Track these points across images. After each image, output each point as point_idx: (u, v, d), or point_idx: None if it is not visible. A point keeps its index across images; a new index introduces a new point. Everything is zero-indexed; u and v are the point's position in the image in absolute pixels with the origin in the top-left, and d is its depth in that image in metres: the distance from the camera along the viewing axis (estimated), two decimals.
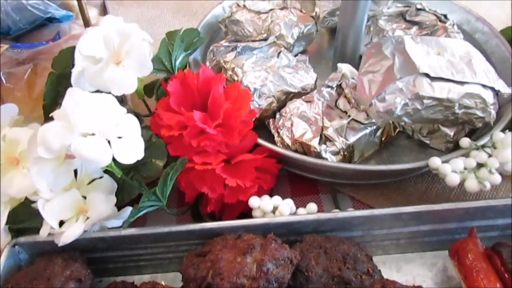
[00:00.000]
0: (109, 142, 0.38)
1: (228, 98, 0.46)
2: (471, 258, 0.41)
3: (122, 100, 0.53)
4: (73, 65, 0.46)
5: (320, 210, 0.51)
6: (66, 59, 0.46)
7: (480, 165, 0.44)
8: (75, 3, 0.62)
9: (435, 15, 0.62)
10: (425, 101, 0.45)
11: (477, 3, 0.80)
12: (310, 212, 0.47)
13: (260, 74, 0.52)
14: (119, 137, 0.39)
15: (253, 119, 0.49)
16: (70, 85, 0.45)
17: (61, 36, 0.54)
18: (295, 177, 0.54)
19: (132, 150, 0.39)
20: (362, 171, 0.48)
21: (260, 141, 0.48)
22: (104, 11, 0.71)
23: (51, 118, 0.42)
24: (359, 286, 0.39)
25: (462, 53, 0.48)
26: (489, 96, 0.46)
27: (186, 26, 0.81)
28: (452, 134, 0.51)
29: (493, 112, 0.47)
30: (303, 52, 0.67)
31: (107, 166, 0.40)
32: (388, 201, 0.52)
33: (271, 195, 0.47)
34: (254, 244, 0.37)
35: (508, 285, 0.39)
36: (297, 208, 0.47)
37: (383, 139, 0.53)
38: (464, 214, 0.44)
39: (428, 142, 0.54)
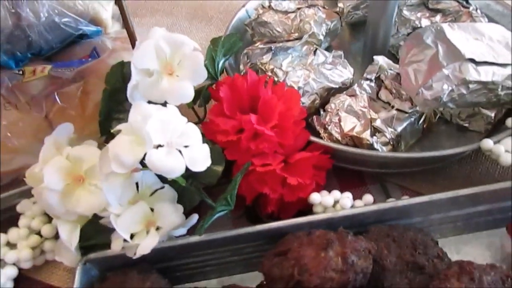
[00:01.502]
0: (180, 152, 0.39)
1: (278, 99, 0.47)
2: None
3: None
4: (123, 80, 0.46)
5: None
6: (116, 74, 0.46)
7: None
8: (103, 17, 0.63)
9: (457, 1, 0.64)
10: (470, 85, 0.46)
11: None
12: (367, 203, 0.48)
13: (302, 73, 0.53)
14: (186, 146, 0.40)
15: None
16: (123, 99, 0.46)
17: (99, 52, 0.55)
18: (341, 171, 0.55)
19: (201, 157, 0.40)
20: (415, 158, 0.49)
21: (313, 138, 0.48)
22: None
23: (110, 134, 0.43)
24: (433, 269, 0.40)
25: (499, 36, 0.50)
26: None
27: (204, 31, 0.82)
28: (492, 115, 0.52)
29: None
30: (328, 48, 0.68)
31: None
32: (435, 186, 0.53)
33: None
34: (332, 239, 0.38)
35: None
36: None
37: (424, 126, 0.54)
38: None
39: (467, 125, 0.55)
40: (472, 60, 0.46)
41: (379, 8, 0.56)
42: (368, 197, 0.48)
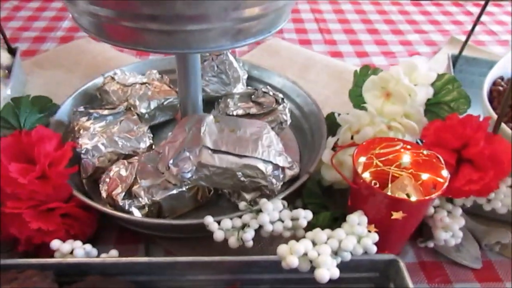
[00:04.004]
0: None
1: (53, 154, 0.56)
2: None
3: None
4: None
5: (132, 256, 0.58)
6: None
7: (245, 225, 0.52)
8: None
9: (275, 98, 0.73)
10: (210, 168, 0.54)
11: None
12: (110, 256, 0.54)
13: (94, 137, 0.62)
14: None
15: (91, 173, 0.60)
16: None
17: None
18: (121, 227, 0.62)
19: None
20: (152, 223, 0.56)
21: (75, 192, 0.56)
22: (9, 73, 0.82)
23: None
24: None
25: (255, 132, 0.59)
26: (267, 169, 0.56)
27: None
28: (249, 198, 0.60)
29: (275, 181, 0.57)
30: (171, 120, 0.78)
31: None
32: (193, 252, 0.59)
33: (93, 241, 0.55)
34: (19, 277, 0.45)
35: None
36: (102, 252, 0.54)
37: (199, 198, 0.61)
38: (232, 267, 0.52)
39: (238, 204, 0.62)
40: (209, 148, 0.54)
41: (184, 91, 0.66)
42: (113, 252, 0.54)
